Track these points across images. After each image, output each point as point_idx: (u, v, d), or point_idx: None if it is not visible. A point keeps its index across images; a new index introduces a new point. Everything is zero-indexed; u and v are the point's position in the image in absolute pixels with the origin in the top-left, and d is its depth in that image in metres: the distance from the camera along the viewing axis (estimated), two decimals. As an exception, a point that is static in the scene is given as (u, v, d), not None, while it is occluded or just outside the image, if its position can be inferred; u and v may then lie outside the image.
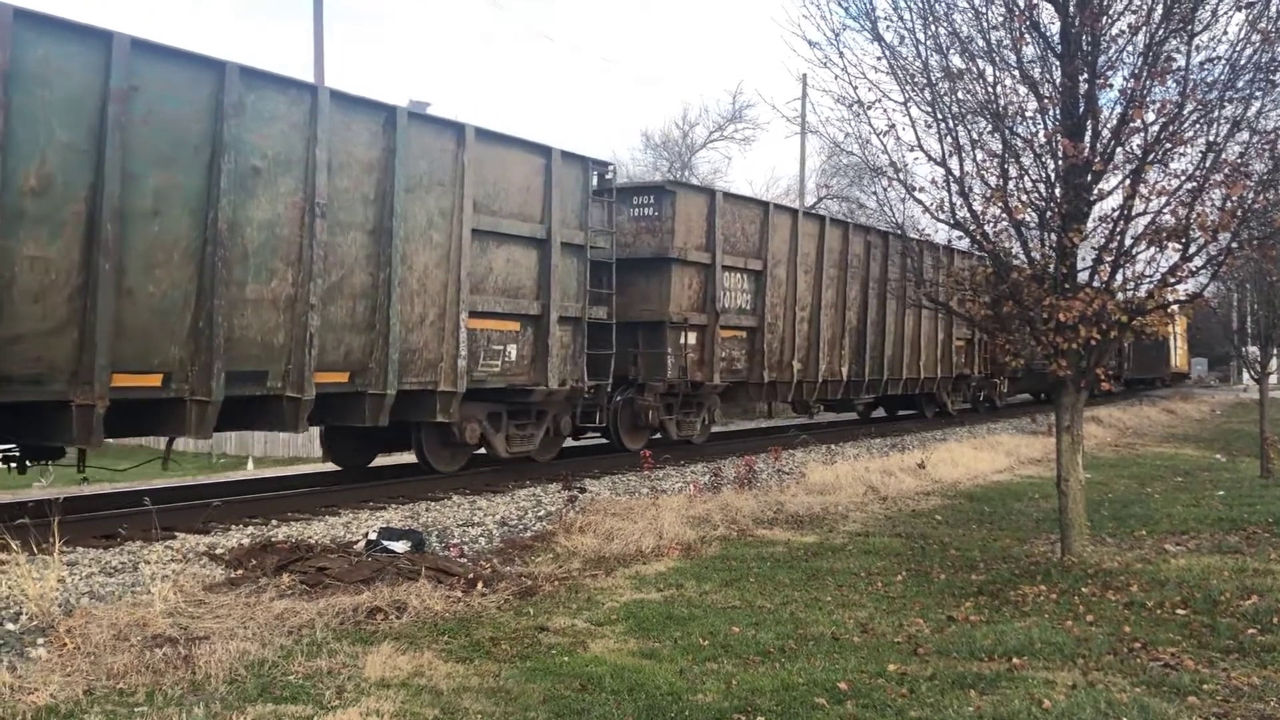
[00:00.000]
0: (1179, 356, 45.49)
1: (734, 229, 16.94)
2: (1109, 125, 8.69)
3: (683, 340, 15.75)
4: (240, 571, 8.19)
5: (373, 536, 9.19)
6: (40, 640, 6.33)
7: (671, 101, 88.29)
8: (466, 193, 11.99)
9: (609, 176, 14.97)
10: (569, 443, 16.02)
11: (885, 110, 9.19)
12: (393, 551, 8.79)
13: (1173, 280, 8.89)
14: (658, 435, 16.51)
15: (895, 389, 22.29)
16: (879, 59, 9.15)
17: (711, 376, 16.44)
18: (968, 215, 9.10)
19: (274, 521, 10.47)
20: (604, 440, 16.56)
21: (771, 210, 18.15)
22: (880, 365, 21.33)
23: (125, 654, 5.97)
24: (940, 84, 8.97)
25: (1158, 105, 8.48)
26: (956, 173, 9.01)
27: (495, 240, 12.57)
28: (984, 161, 8.96)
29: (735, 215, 17.14)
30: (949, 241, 13.09)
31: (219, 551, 8.85)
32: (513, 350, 12.96)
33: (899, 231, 10.32)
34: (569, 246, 13.67)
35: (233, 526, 10.10)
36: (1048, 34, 8.75)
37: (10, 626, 6.59)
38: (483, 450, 13.63)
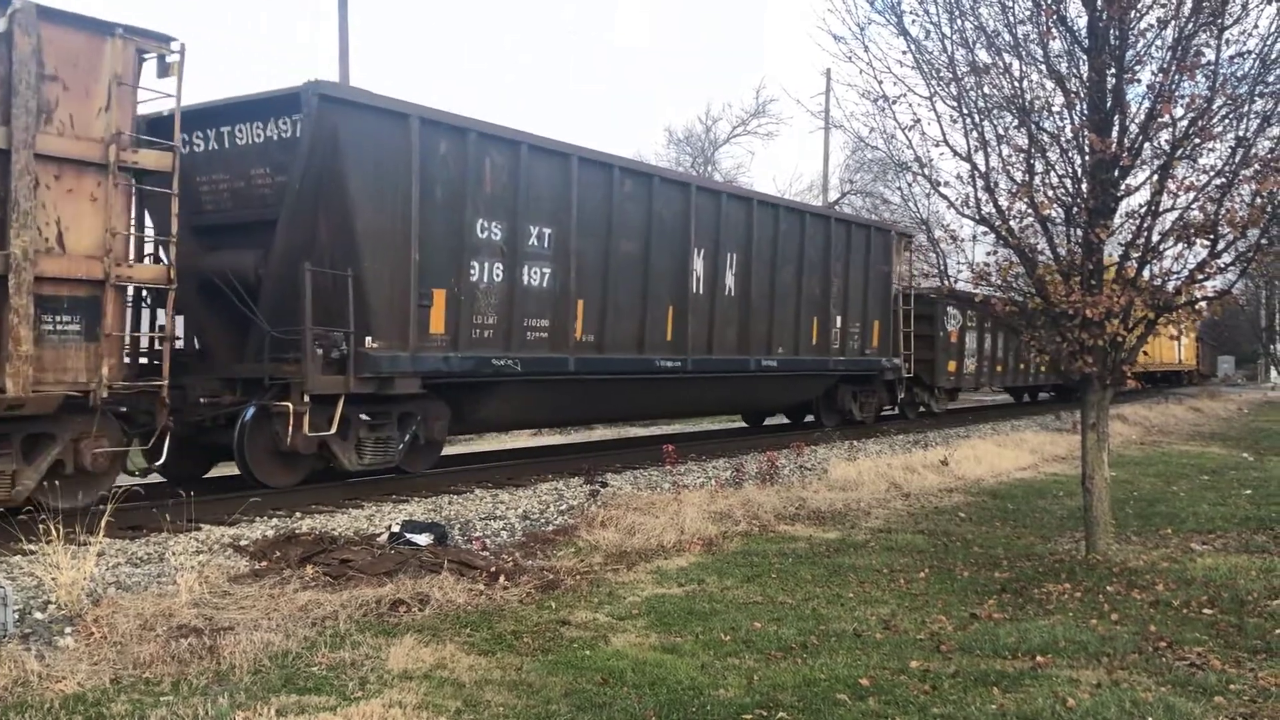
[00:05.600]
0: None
1: None
2: (1137, 120, 8.62)
3: None
4: (264, 563, 8.25)
5: (396, 529, 9.23)
6: (68, 629, 6.39)
7: (695, 97, 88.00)
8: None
9: None
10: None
11: (910, 105, 9.15)
12: (416, 544, 8.82)
13: (1201, 276, 8.81)
14: None
15: None
16: (904, 53, 9.12)
17: None
18: (993, 210, 9.04)
19: (298, 514, 10.54)
20: None
21: None
22: None
23: (151, 644, 6.03)
24: (966, 78, 8.92)
25: (1187, 100, 8.40)
26: (982, 168, 8.95)
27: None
28: (1010, 156, 8.90)
29: None
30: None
31: (243, 543, 8.93)
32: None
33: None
34: None
35: (257, 518, 10.17)
36: (1075, 28, 8.68)
37: (39, 616, 6.66)
38: None
